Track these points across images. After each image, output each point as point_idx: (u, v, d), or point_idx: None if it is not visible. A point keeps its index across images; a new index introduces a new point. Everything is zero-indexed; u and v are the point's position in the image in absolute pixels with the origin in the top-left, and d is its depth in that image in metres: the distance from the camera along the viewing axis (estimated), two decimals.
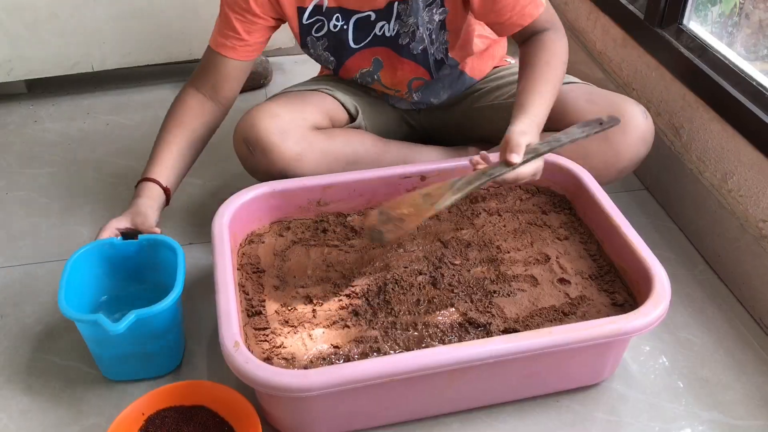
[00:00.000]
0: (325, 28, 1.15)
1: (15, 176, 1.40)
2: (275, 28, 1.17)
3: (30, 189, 1.37)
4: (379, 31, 1.14)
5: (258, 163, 1.12)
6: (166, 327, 0.94)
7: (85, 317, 0.89)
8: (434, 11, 1.12)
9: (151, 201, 1.06)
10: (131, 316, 0.88)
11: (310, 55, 1.22)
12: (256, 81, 1.68)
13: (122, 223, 1.03)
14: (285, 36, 1.70)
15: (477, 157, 0.98)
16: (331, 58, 1.20)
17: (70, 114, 1.61)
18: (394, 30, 1.14)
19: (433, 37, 1.15)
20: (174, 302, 0.92)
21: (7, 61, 1.55)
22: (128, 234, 1.01)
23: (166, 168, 1.10)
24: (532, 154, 0.95)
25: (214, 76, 1.15)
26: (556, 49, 1.09)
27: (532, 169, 0.98)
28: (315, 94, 1.21)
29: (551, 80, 1.07)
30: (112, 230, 1.02)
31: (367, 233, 1.02)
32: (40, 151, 1.48)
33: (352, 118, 1.23)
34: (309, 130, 1.14)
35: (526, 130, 0.97)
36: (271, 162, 1.11)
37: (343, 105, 1.22)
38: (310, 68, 1.42)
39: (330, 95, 1.22)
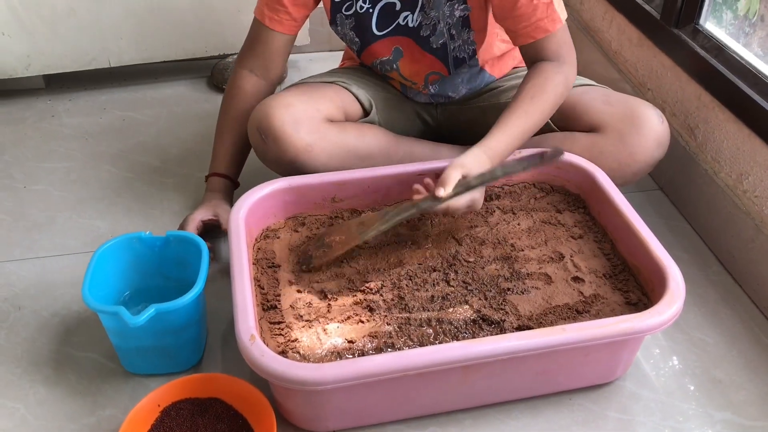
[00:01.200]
0: (353, 8, 1.17)
1: (32, 170, 1.42)
2: (315, 3, 1.20)
3: (47, 183, 1.38)
4: (403, 21, 1.16)
5: (269, 152, 1.14)
6: (185, 322, 0.95)
7: (106, 308, 0.90)
8: (455, 6, 1.13)
9: (223, 194, 1.21)
10: (151, 310, 0.89)
11: (338, 33, 1.23)
12: None
13: (207, 214, 1.16)
14: (300, 34, 1.70)
15: (418, 186, 1.02)
16: (356, 39, 1.21)
17: (86, 109, 1.62)
18: (417, 21, 1.15)
19: (454, 33, 1.15)
20: (194, 298, 0.92)
21: (25, 57, 1.57)
22: (209, 225, 1.14)
23: (227, 159, 1.23)
24: (462, 187, 0.97)
25: (264, 52, 1.21)
26: (548, 83, 1.08)
27: (464, 201, 1.00)
28: (331, 86, 1.22)
29: (528, 114, 1.07)
30: (196, 222, 1.14)
31: (298, 257, 1.03)
32: (57, 146, 1.49)
33: (366, 113, 1.24)
34: (322, 121, 1.15)
35: (467, 163, 1.00)
36: (282, 151, 1.12)
37: (357, 99, 1.23)
38: (325, 66, 1.43)
39: (345, 89, 1.23)
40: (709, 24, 1.29)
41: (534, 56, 1.13)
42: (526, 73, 1.27)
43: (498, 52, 1.25)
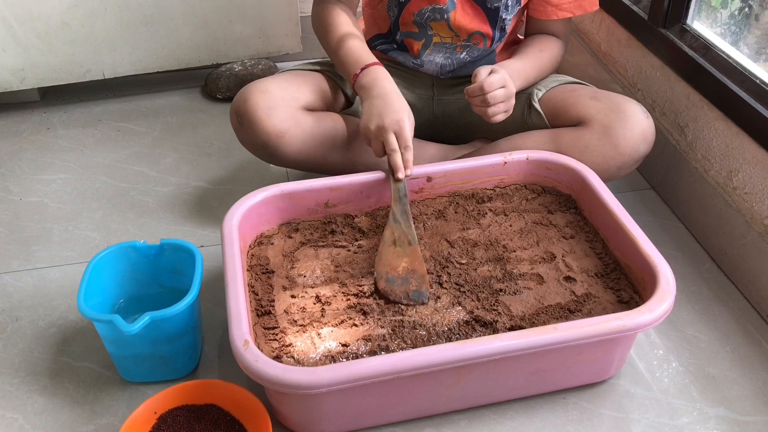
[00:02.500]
0: None
1: (28, 182, 1.43)
2: None
3: (43, 195, 1.39)
4: None
5: (245, 135, 1.17)
6: (181, 330, 0.95)
7: (101, 317, 0.91)
8: None
9: (391, 83, 1.10)
10: (146, 318, 0.90)
11: None
12: None
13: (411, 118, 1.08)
14: (292, 41, 1.72)
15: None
16: None
17: (82, 121, 1.63)
18: None
19: (509, 3, 1.20)
20: (189, 305, 0.93)
21: (20, 70, 1.58)
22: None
23: (370, 54, 1.15)
24: (408, 219, 1.03)
25: None
26: (553, 49, 1.25)
27: (502, 92, 1.10)
28: (317, 75, 1.23)
29: (539, 57, 1.22)
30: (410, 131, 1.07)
31: (405, 300, 0.97)
32: (52, 158, 1.50)
33: (350, 104, 1.24)
34: (298, 109, 1.16)
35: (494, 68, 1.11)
36: (255, 135, 1.14)
37: (342, 90, 1.23)
38: None
39: (332, 79, 1.23)
40: (697, 24, 1.30)
41: (538, 28, 1.26)
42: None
43: (513, 44, 1.30)
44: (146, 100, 1.70)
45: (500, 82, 1.10)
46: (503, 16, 1.20)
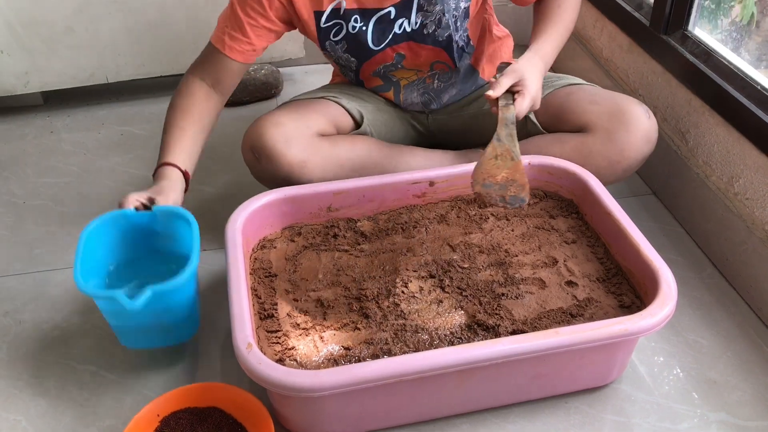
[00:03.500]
0: (344, 31, 1.17)
1: (32, 185, 1.43)
2: (281, 35, 1.20)
3: (46, 198, 1.40)
4: (399, 29, 1.17)
5: (264, 170, 1.16)
6: (182, 301, 0.94)
7: (102, 293, 0.89)
8: None
9: (172, 183, 1.06)
10: (148, 293, 0.87)
11: (330, 58, 1.24)
12: (268, 91, 1.71)
13: (142, 195, 1.01)
14: (295, 46, 1.73)
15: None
16: (352, 59, 1.22)
17: (85, 125, 1.64)
18: (416, 23, 1.16)
19: (458, 24, 1.18)
20: (190, 276, 0.92)
21: (24, 74, 1.59)
22: (146, 207, 1.00)
23: (183, 153, 1.10)
24: (513, 140, 1.02)
25: (216, 72, 1.17)
26: (575, 12, 1.21)
27: (527, 104, 1.05)
28: (321, 102, 1.24)
29: (562, 20, 1.17)
30: (132, 201, 1.00)
31: (502, 203, 0.99)
32: (56, 161, 1.51)
33: (358, 125, 1.25)
34: (313, 137, 1.17)
35: (519, 67, 1.06)
36: (276, 168, 1.14)
37: (348, 112, 1.24)
38: (320, 78, 1.45)
39: (336, 102, 1.24)
40: (698, 30, 1.31)
41: None
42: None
43: (490, 47, 1.27)
44: (149, 104, 1.71)
45: (528, 106, 1.06)
46: (455, 38, 1.19)
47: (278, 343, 0.93)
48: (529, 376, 0.92)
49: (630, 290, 1.00)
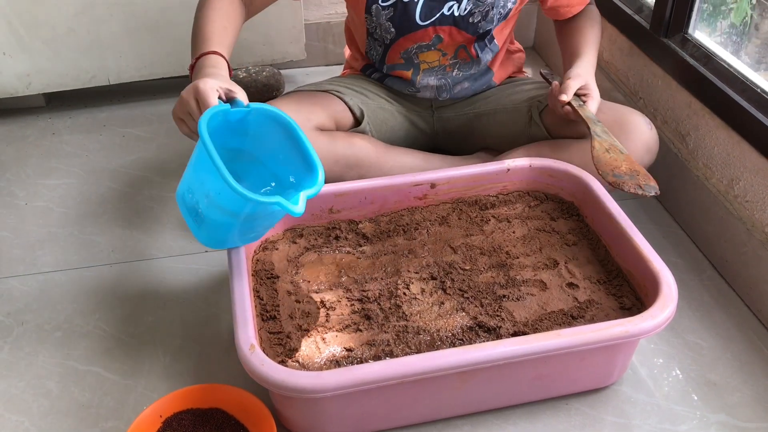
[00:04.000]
0: None
1: (34, 187, 1.43)
2: None
3: (48, 199, 1.40)
4: (447, 11, 1.18)
5: None
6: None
7: (267, 200, 0.84)
8: None
9: (223, 71, 0.99)
10: (303, 198, 0.86)
11: (369, 25, 1.22)
12: (269, 93, 1.71)
13: (224, 84, 0.93)
14: (296, 48, 1.73)
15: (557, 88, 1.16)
16: (392, 29, 1.21)
17: (87, 126, 1.64)
18: (465, 9, 1.18)
19: (498, 21, 1.21)
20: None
21: (25, 76, 1.59)
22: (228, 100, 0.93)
23: (222, 44, 1.04)
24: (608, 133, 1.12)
25: None
26: (594, 15, 1.30)
27: (595, 106, 1.15)
28: (324, 95, 1.24)
29: (596, 36, 1.27)
30: (214, 92, 0.90)
31: (642, 191, 1.03)
32: (57, 163, 1.51)
33: (358, 122, 1.26)
34: (312, 130, 1.18)
35: (581, 72, 1.17)
36: None
37: (350, 109, 1.25)
38: (321, 80, 1.45)
39: (339, 98, 1.25)
40: (698, 33, 1.31)
41: (571, 22, 1.29)
42: (523, 83, 1.31)
43: (507, 55, 1.31)
44: (151, 105, 1.71)
45: (576, 85, 1.15)
46: (488, 29, 1.22)
47: (280, 344, 0.93)
48: (530, 377, 0.93)
49: (631, 292, 1.00)
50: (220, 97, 0.92)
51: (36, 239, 1.30)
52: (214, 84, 0.91)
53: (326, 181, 1.19)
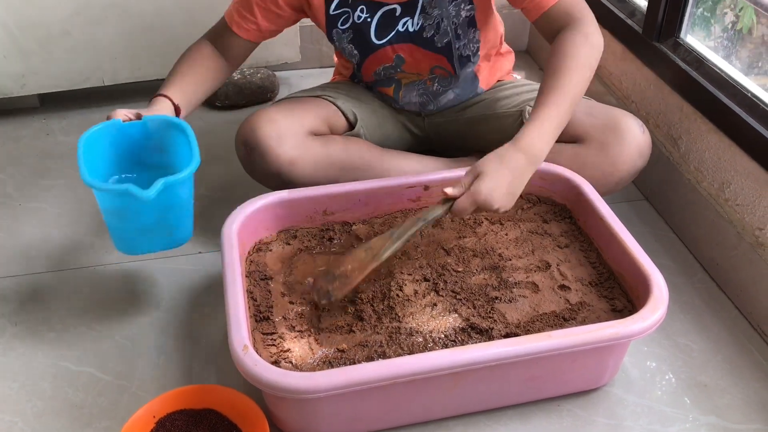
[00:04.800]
0: (350, 20, 1.18)
1: (28, 188, 1.44)
2: (294, 21, 1.22)
3: (42, 200, 1.40)
4: (402, 27, 1.17)
5: (255, 165, 1.17)
6: (186, 197, 0.97)
7: (115, 187, 0.91)
8: (461, 7, 1.15)
9: (160, 106, 1.08)
10: (159, 183, 0.90)
11: (336, 48, 1.25)
12: (264, 95, 1.72)
13: (130, 111, 1.04)
14: (291, 51, 1.74)
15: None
16: (355, 52, 1.22)
17: (81, 127, 1.63)
18: (418, 24, 1.16)
19: (460, 32, 1.18)
20: (194, 171, 0.95)
21: (20, 76, 1.59)
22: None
23: (177, 90, 1.12)
24: (396, 242, 0.98)
25: (223, 43, 1.20)
26: (567, 51, 1.04)
27: (468, 202, 0.95)
28: (316, 100, 1.25)
29: (559, 91, 1.01)
30: (120, 113, 1.04)
31: (316, 294, 0.99)
32: (52, 163, 1.51)
33: (351, 126, 1.26)
34: (306, 135, 1.18)
35: (479, 164, 0.97)
36: (267, 164, 1.15)
37: (343, 113, 1.25)
38: (316, 82, 1.45)
39: (331, 102, 1.25)
40: (690, 38, 1.32)
41: (550, 27, 1.10)
42: (513, 86, 1.30)
43: (493, 51, 1.27)
44: (145, 107, 1.71)
45: (470, 203, 0.96)
46: (456, 46, 1.20)
47: (274, 345, 0.93)
48: (522, 378, 0.93)
49: (622, 294, 1.01)
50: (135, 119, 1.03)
51: (30, 240, 1.30)
52: (122, 110, 1.04)
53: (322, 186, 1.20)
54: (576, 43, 1.05)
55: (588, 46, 1.06)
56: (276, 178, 1.16)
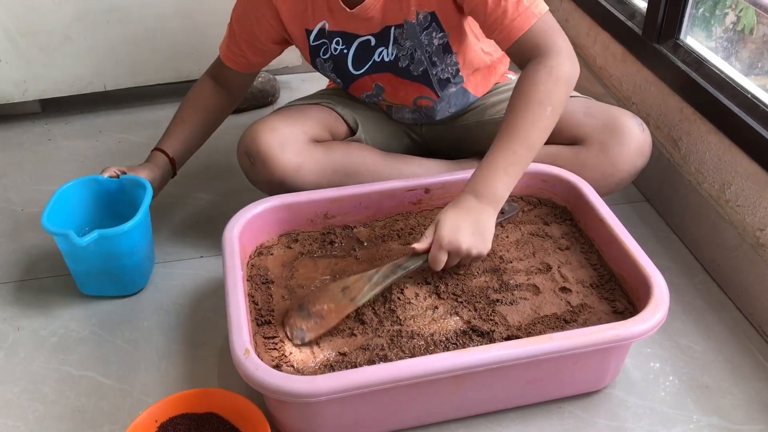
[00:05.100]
0: (329, 51, 1.19)
1: (30, 193, 1.44)
2: (281, 51, 1.26)
3: (44, 205, 1.38)
4: (378, 57, 1.17)
5: (259, 174, 1.17)
6: (129, 248, 1.09)
7: (57, 230, 1.04)
8: (433, 35, 1.14)
9: (154, 166, 1.22)
10: (94, 234, 1.04)
11: (323, 75, 1.27)
12: (264, 99, 1.72)
13: (119, 168, 1.18)
14: (292, 55, 1.74)
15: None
16: (338, 80, 1.24)
17: (83, 132, 1.65)
18: (392, 54, 1.17)
19: (435, 59, 1.17)
20: (134, 226, 1.07)
21: (22, 82, 1.60)
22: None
23: (176, 141, 1.25)
24: (374, 288, 0.98)
25: (221, 75, 1.28)
26: (530, 88, 1.00)
27: (437, 251, 0.96)
28: (316, 107, 1.25)
29: (516, 133, 0.99)
30: (110, 170, 1.18)
31: (289, 331, 0.96)
32: (53, 169, 1.51)
33: (352, 132, 1.27)
34: (308, 142, 1.18)
35: (439, 217, 0.98)
36: (270, 173, 1.15)
37: (343, 118, 1.26)
38: (317, 86, 1.46)
39: (331, 109, 1.26)
40: (690, 39, 1.32)
41: (521, 58, 1.05)
42: (507, 88, 1.30)
43: (481, 65, 1.24)
44: (147, 111, 1.72)
45: (442, 254, 0.96)
46: (434, 72, 1.18)
47: (275, 349, 0.93)
48: (524, 381, 0.93)
49: (623, 296, 1.01)
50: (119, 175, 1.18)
51: (32, 245, 1.30)
52: (113, 168, 1.19)
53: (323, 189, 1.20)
54: (536, 80, 1.00)
55: (552, 80, 1.00)
56: (280, 187, 1.17)
